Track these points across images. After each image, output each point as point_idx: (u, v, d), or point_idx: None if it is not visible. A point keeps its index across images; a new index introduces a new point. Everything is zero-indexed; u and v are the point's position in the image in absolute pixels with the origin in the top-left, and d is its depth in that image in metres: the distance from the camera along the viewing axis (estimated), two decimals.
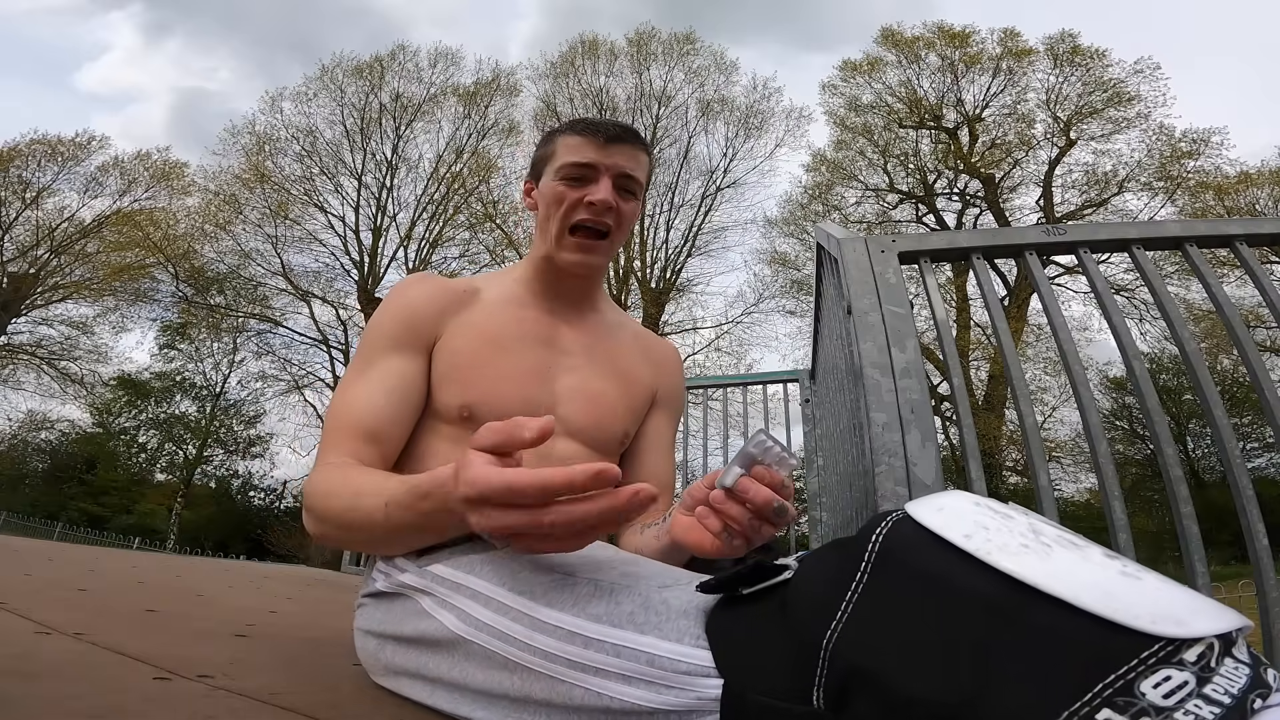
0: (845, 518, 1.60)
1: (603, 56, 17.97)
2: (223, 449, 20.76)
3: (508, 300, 0.82)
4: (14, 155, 16.65)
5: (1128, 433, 16.98)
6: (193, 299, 16.79)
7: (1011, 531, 0.32)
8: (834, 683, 0.33)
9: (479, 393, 0.73)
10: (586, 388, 0.81)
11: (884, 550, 0.34)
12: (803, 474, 2.50)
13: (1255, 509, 0.93)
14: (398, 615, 0.62)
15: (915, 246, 1.20)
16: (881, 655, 0.31)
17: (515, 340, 0.78)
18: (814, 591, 0.36)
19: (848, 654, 0.32)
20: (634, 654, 0.42)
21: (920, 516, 0.35)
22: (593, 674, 0.43)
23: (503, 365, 0.76)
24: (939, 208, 17.24)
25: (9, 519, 15.99)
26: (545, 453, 0.76)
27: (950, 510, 0.34)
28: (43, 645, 0.71)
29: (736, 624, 0.40)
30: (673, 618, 0.42)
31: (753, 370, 14.85)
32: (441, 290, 0.79)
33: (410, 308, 0.76)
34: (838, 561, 0.37)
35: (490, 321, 0.78)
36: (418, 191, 17.92)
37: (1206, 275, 1.12)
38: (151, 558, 4.39)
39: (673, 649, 0.41)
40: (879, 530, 0.36)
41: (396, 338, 0.75)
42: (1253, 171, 14.09)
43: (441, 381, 0.75)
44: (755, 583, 0.40)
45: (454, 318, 0.77)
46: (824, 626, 0.34)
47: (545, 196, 0.81)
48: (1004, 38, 16.81)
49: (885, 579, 0.33)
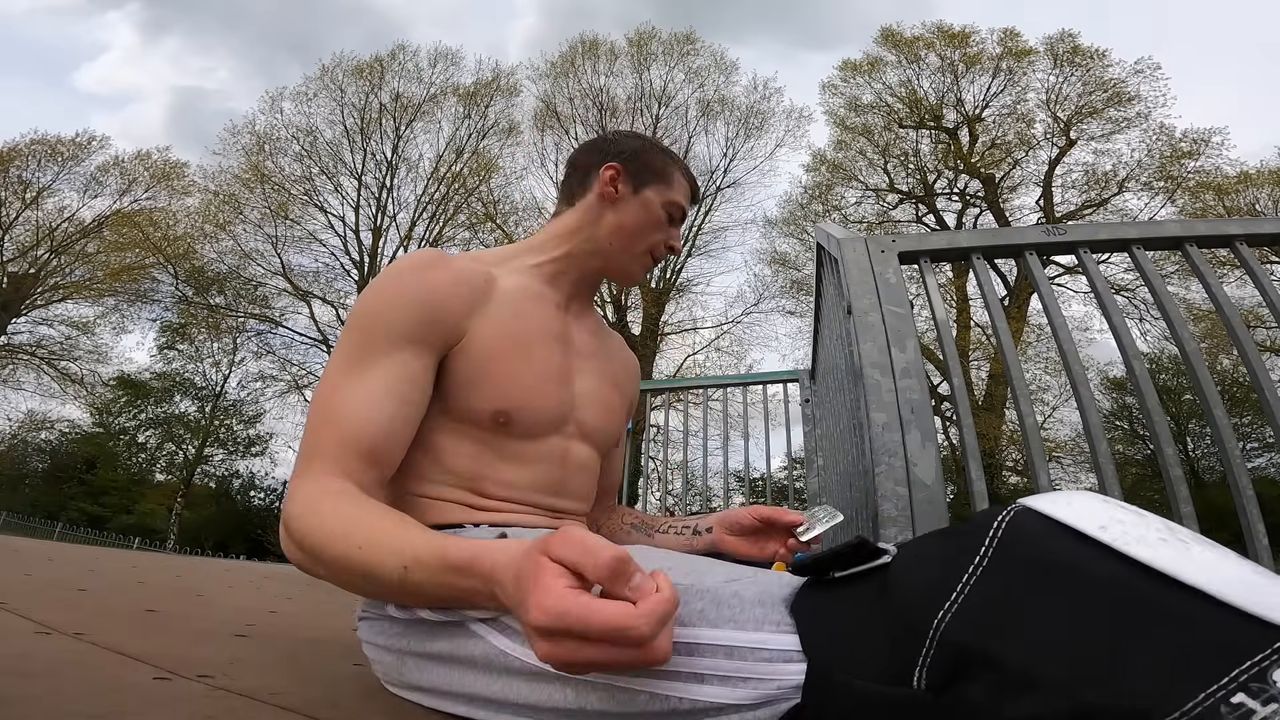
0: (845, 518, 1.59)
1: (603, 56, 17.97)
2: (223, 449, 20.78)
3: (525, 292, 0.77)
4: (14, 155, 16.65)
5: (1128, 433, 16.97)
6: (192, 299, 16.77)
7: (1148, 526, 0.32)
8: (939, 665, 0.33)
9: (516, 398, 0.70)
10: (600, 392, 0.81)
11: (1006, 539, 0.34)
12: (803, 474, 2.50)
13: (1255, 509, 0.93)
14: (421, 632, 0.58)
15: (915, 246, 1.21)
16: (1000, 638, 0.31)
17: (539, 338, 0.75)
18: (923, 576, 0.36)
19: (960, 636, 0.32)
20: (709, 649, 0.41)
21: (1047, 510, 0.35)
22: (659, 678, 0.41)
23: (534, 367, 0.72)
24: (939, 208, 17.24)
25: (9, 519, 15.99)
26: (560, 458, 0.75)
27: (1081, 505, 0.34)
28: (43, 645, 0.71)
29: (827, 607, 0.40)
30: (747, 608, 0.42)
31: (753, 370, 14.85)
32: (466, 282, 0.71)
33: (432, 301, 0.67)
34: (948, 547, 0.37)
35: (514, 317, 0.73)
36: (418, 191, 17.92)
37: (1206, 275, 1.12)
38: (151, 558, 4.39)
39: (751, 637, 0.40)
40: (999, 520, 0.35)
41: (410, 333, 0.66)
42: (1253, 171, 14.08)
43: (471, 383, 0.69)
44: (851, 565, 0.40)
45: (479, 312, 0.71)
46: (934, 610, 0.34)
47: (643, 211, 0.83)
48: (1004, 38, 16.81)
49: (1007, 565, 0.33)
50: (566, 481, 0.76)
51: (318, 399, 0.64)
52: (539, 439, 0.73)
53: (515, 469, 0.72)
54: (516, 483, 0.72)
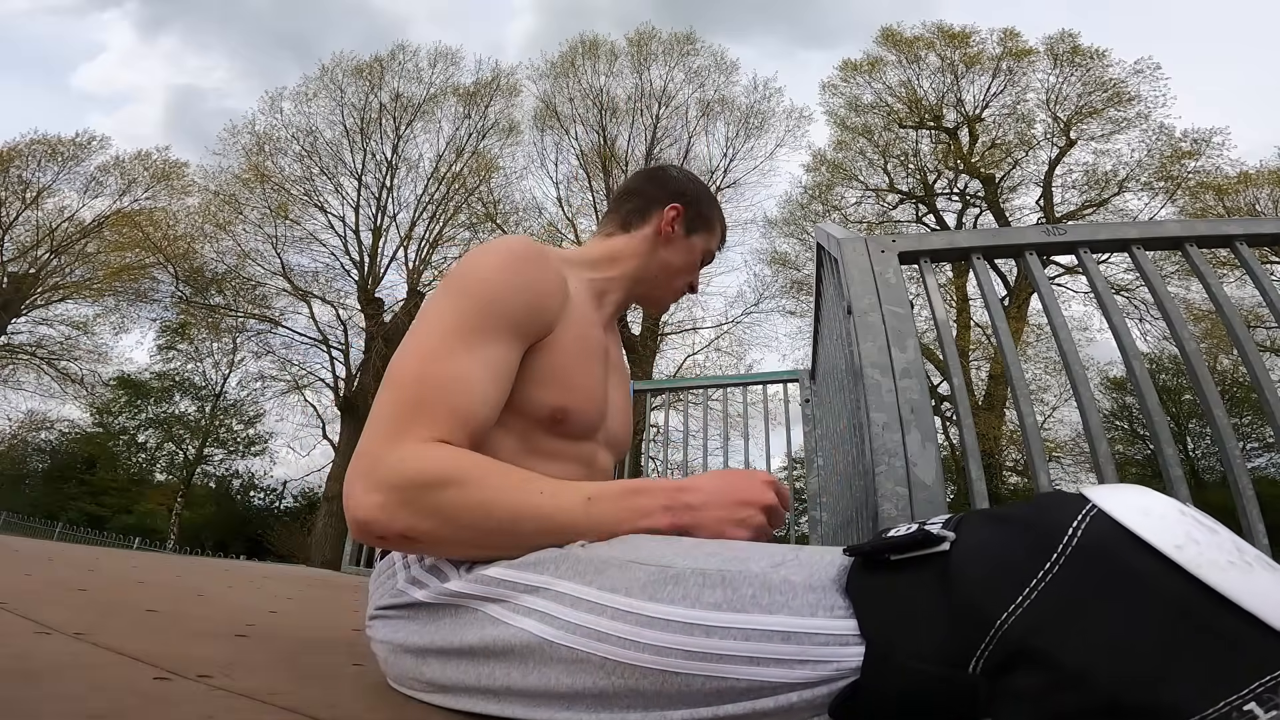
0: (845, 518, 1.60)
1: (603, 56, 17.96)
2: (223, 449, 20.80)
3: (586, 301, 0.81)
4: (14, 155, 16.65)
5: (1128, 433, 16.98)
6: (192, 299, 16.77)
7: (1220, 548, 0.34)
8: (996, 655, 0.35)
9: (577, 399, 0.72)
10: (623, 404, 0.87)
11: (1083, 546, 0.35)
12: (803, 474, 2.50)
13: (1255, 509, 0.93)
14: (450, 626, 0.57)
15: (915, 246, 1.21)
16: (1060, 639, 0.33)
17: (596, 347, 0.78)
18: (989, 569, 0.37)
19: (1023, 634, 0.34)
20: (765, 634, 0.41)
21: (1122, 517, 0.36)
22: (715, 661, 0.42)
23: (592, 373, 0.76)
24: (939, 208, 17.24)
25: (9, 519, 16.00)
26: (589, 460, 0.78)
27: (1158, 515, 0.35)
28: (43, 645, 0.71)
29: (884, 590, 0.40)
30: (800, 594, 0.42)
31: (753, 370, 14.87)
32: (559, 281, 0.73)
33: (540, 295, 0.69)
34: (1016, 542, 0.37)
35: (581, 324, 0.76)
36: (418, 191, 17.90)
37: (1206, 275, 1.12)
38: (151, 558, 4.39)
39: (807, 623, 0.41)
40: (1076, 523, 0.36)
41: (519, 323, 0.67)
42: (1253, 171, 14.06)
43: (541, 379, 0.69)
44: (909, 550, 0.40)
45: (564, 312, 0.73)
46: (1001, 606, 0.35)
47: (689, 254, 0.93)
48: (1004, 38, 16.80)
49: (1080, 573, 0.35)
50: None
51: (424, 362, 0.61)
52: (579, 441, 0.76)
53: (547, 467, 0.72)
54: None
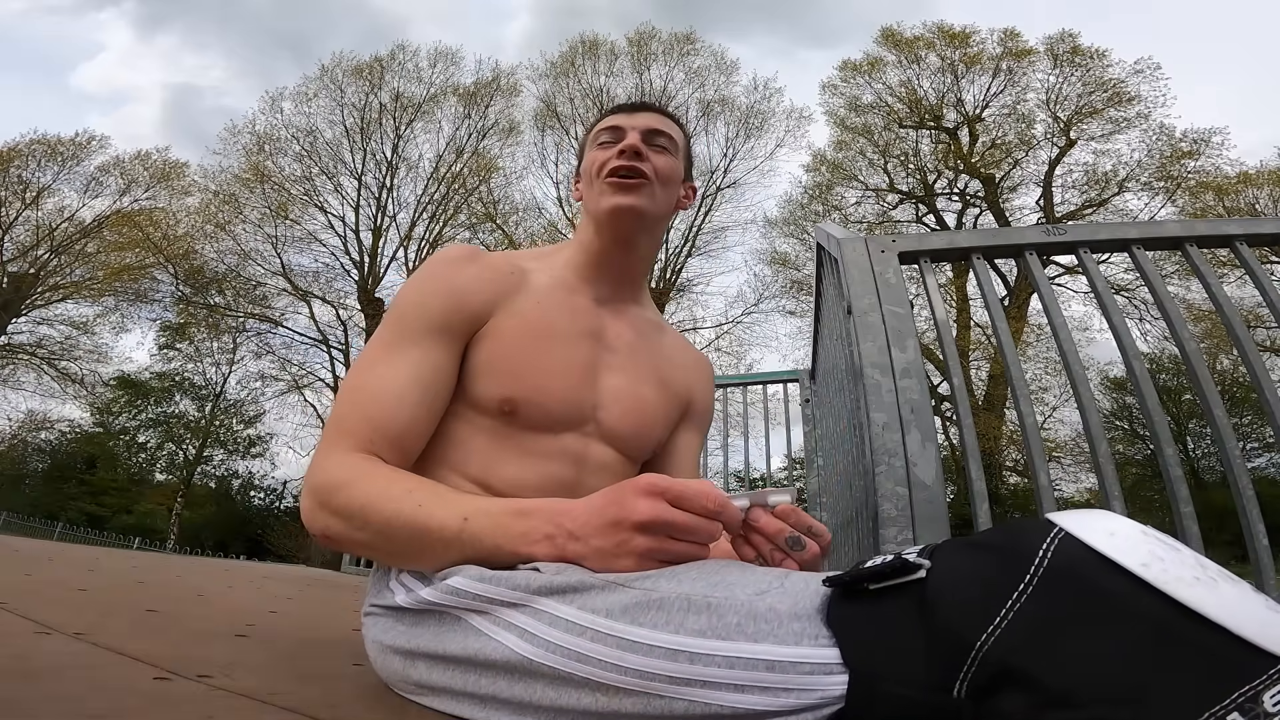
0: (845, 518, 1.60)
1: (603, 56, 17.98)
2: (223, 449, 20.79)
3: (556, 285, 0.78)
4: (14, 155, 16.66)
5: (1128, 433, 16.97)
6: (192, 299, 16.79)
7: (1184, 564, 0.35)
8: (979, 679, 0.35)
9: (525, 387, 0.70)
10: (631, 392, 0.78)
11: (1053, 567, 0.36)
12: (803, 474, 2.50)
13: (1255, 509, 0.93)
14: (433, 632, 0.56)
15: (915, 246, 1.21)
16: (1040, 660, 0.34)
17: (563, 331, 0.74)
18: (964, 595, 0.38)
19: (1002, 656, 0.35)
20: (750, 663, 0.41)
21: (1089, 539, 0.37)
22: (699, 687, 0.42)
23: (550, 359, 0.72)
24: (939, 208, 17.25)
25: (9, 519, 15.99)
26: (581, 458, 0.74)
27: (1123, 536, 0.37)
28: (43, 645, 0.71)
29: (864, 619, 0.41)
30: (785, 622, 0.42)
31: (753, 370, 14.86)
32: (492, 273, 0.74)
33: (459, 291, 0.71)
34: (989, 566, 0.38)
35: (538, 309, 0.74)
36: (418, 191, 17.95)
37: (1206, 275, 1.12)
38: (151, 558, 4.39)
39: (793, 652, 0.41)
40: (1045, 547, 0.37)
41: (439, 323, 0.69)
42: (1253, 171, 14.08)
43: (482, 371, 0.70)
44: (887, 579, 0.41)
45: (502, 303, 0.73)
46: (978, 631, 0.36)
47: (585, 171, 0.83)
48: (1004, 38, 16.81)
49: (1052, 593, 0.35)
50: (583, 482, 0.73)
51: (351, 378, 0.68)
52: (552, 435, 0.72)
53: (525, 464, 0.71)
54: (525, 478, 0.70)
